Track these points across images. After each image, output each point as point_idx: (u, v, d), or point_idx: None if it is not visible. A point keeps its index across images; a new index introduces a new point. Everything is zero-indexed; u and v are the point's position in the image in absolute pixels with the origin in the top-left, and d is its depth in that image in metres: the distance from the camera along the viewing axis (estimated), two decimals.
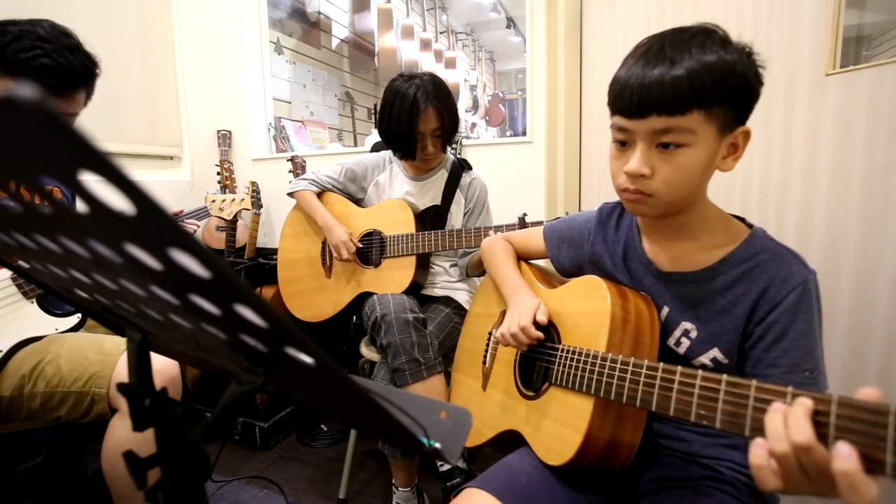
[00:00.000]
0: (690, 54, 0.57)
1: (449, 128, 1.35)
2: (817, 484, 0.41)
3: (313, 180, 1.52)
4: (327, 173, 1.52)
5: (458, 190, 1.45)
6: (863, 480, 0.38)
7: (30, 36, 0.92)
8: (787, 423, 0.42)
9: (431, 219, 1.44)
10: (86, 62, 0.98)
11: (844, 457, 0.38)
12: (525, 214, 1.25)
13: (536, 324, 0.78)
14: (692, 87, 0.57)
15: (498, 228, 1.26)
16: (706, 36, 0.59)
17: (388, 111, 1.34)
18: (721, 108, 0.59)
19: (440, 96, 1.32)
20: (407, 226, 1.38)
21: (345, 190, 1.53)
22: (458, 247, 1.32)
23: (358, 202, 1.53)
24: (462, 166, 1.48)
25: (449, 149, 1.75)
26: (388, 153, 1.52)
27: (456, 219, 1.46)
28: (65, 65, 0.94)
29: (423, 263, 1.40)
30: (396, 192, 1.47)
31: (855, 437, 0.39)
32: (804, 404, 0.42)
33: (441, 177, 1.46)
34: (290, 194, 1.55)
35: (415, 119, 1.30)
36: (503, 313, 0.98)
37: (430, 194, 1.46)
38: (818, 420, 0.41)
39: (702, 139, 0.59)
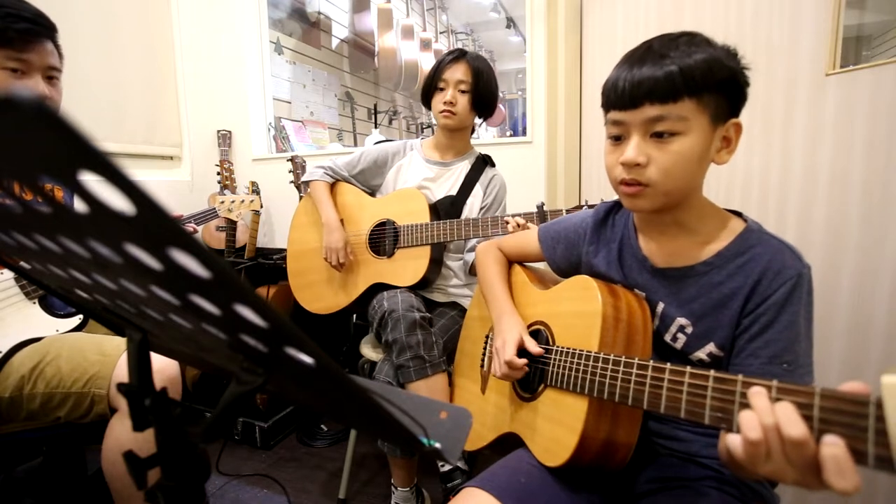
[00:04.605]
0: (679, 49, 0.61)
1: (479, 91, 1.35)
2: (803, 473, 0.42)
3: (330, 168, 1.50)
4: (346, 161, 1.50)
5: (477, 183, 1.44)
6: (851, 465, 0.39)
7: None
8: (779, 421, 0.42)
9: (447, 209, 1.42)
10: (41, 13, 0.97)
11: (832, 443, 0.40)
12: (543, 203, 1.23)
13: (522, 352, 0.80)
14: (683, 76, 0.60)
15: (516, 216, 1.23)
16: (692, 36, 0.63)
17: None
18: (711, 98, 0.61)
19: (479, 60, 1.37)
20: (421, 215, 1.36)
21: (360, 177, 1.51)
22: (473, 236, 1.30)
23: (373, 191, 1.52)
24: (485, 161, 1.47)
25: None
26: (407, 141, 1.52)
27: (471, 212, 1.44)
28: (30, 9, 0.93)
29: (437, 258, 1.37)
30: (415, 175, 1.45)
31: (838, 428, 0.40)
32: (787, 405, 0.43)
33: (462, 168, 1.45)
34: (306, 183, 1.54)
35: (443, 65, 1.36)
36: None
37: (448, 182, 1.45)
38: (803, 413, 0.42)
39: (694, 127, 0.61)
